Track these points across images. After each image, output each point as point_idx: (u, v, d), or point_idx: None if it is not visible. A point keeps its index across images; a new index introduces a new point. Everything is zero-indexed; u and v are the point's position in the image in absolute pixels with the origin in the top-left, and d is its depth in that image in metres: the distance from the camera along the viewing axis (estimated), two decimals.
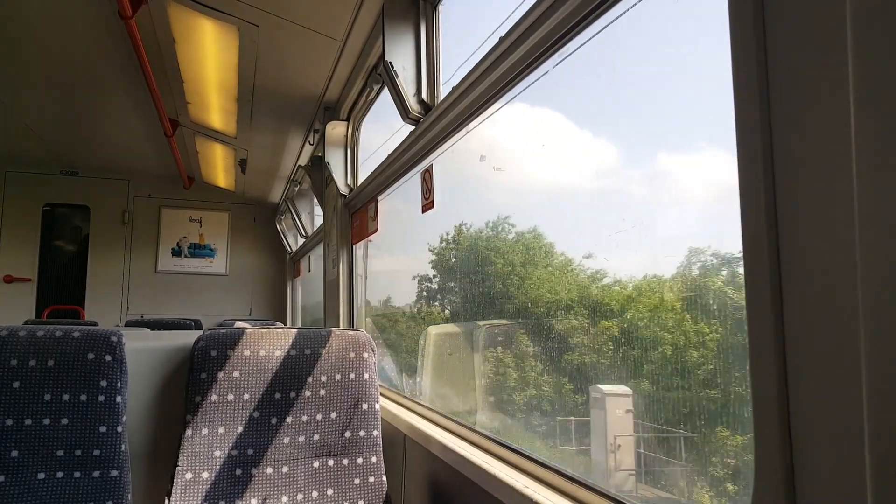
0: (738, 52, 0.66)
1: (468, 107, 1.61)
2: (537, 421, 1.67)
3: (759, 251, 0.62)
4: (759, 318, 0.62)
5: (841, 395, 0.55)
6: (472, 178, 2.01)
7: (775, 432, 0.60)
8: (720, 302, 1.05)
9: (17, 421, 1.29)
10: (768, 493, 0.61)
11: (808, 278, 0.58)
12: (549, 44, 1.21)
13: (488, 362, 2.00)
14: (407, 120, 2.00)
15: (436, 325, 2.61)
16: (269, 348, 1.47)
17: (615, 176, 1.35)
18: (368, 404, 1.52)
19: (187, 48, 2.85)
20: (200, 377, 1.41)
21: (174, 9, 2.49)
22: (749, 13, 0.64)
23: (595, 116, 1.39)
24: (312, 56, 2.62)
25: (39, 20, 2.69)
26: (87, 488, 1.31)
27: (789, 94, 0.61)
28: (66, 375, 1.33)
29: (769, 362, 0.61)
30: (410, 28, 2.01)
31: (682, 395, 1.10)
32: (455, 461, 1.40)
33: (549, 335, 1.61)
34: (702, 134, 1.10)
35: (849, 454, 0.54)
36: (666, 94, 1.18)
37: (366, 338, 1.57)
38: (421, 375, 2.53)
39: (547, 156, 1.58)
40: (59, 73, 3.31)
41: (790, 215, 0.60)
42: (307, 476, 1.45)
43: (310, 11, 2.28)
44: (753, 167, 0.63)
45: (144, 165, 5.36)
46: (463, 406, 2.11)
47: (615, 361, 1.34)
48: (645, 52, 1.21)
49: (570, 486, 1.10)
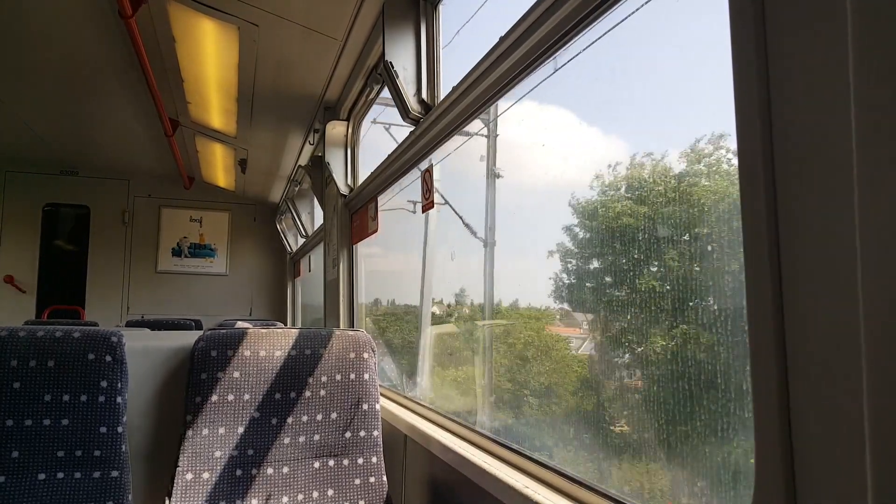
0: (739, 52, 0.66)
1: (468, 106, 1.61)
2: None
3: (760, 251, 0.62)
4: (759, 318, 0.62)
5: (841, 395, 0.55)
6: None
7: (776, 433, 0.60)
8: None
9: (17, 421, 1.29)
10: (769, 493, 0.61)
11: (808, 278, 0.58)
12: (550, 43, 1.21)
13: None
14: (407, 120, 2.00)
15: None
16: (270, 348, 1.47)
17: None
18: (369, 404, 1.52)
19: (187, 48, 2.85)
20: (201, 377, 1.41)
21: (174, 8, 2.49)
22: (749, 13, 0.64)
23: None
24: (313, 56, 2.62)
25: (39, 19, 2.69)
26: (88, 489, 1.31)
27: (790, 92, 0.61)
28: (67, 376, 1.33)
29: (770, 363, 0.61)
30: (410, 28, 2.01)
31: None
32: (455, 461, 1.40)
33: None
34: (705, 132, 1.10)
35: (849, 455, 0.54)
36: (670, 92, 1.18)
37: (366, 338, 1.57)
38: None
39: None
40: (59, 73, 3.30)
41: (790, 215, 0.60)
42: (307, 476, 1.45)
43: (310, 11, 2.28)
44: (754, 167, 0.63)
45: (145, 165, 5.36)
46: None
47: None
48: (645, 51, 1.21)
49: (570, 486, 1.10)
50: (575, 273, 1.53)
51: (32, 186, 5.45)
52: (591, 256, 1.47)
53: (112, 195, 5.68)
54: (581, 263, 1.51)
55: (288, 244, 5.74)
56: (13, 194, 5.40)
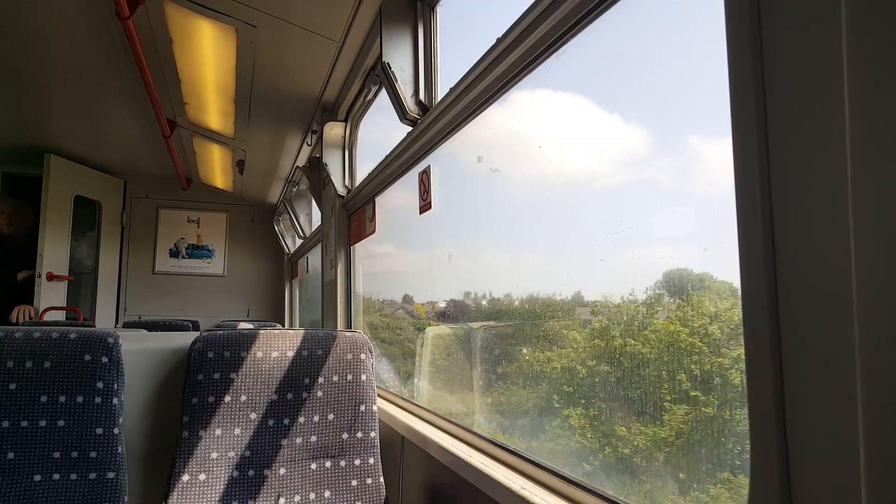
0: (735, 55, 0.66)
1: (466, 107, 1.61)
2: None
3: (755, 249, 0.62)
4: (754, 321, 0.63)
5: (836, 397, 0.55)
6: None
7: (771, 434, 0.60)
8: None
9: (13, 423, 1.29)
10: (764, 494, 0.61)
11: (803, 282, 0.58)
12: (547, 45, 1.21)
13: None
14: (405, 121, 2.00)
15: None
16: (267, 350, 1.47)
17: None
18: (366, 406, 1.52)
19: (185, 49, 2.85)
20: (197, 379, 1.41)
21: (172, 9, 2.49)
22: (745, 17, 0.64)
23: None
24: (310, 57, 2.63)
25: (36, 20, 2.69)
26: (84, 490, 1.31)
27: (785, 97, 0.61)
28: (63, 377, 1.33)
29: (765, 365, 0.61)
30: (408, 29, 2.01)
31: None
32: (452, 463, 1.40)
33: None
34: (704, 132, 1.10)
35: (844, 453, 0.54)
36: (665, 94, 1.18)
37: (363, 339, 1.57)
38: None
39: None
40: (56, 73, 3.30)
41: (786, 220, 0.60)
42: (304, 478, 1.45)
43: (308, 12, 2.28)
44: (749, 172, 0.63)
45: (142, 166, 5.35)
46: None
47: None
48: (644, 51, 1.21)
49: (566, 487, 1.10)
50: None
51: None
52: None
53: (109, 195, 5.67)
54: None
55: (286, 245, 5.73)
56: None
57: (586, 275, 1.27)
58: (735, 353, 0.91)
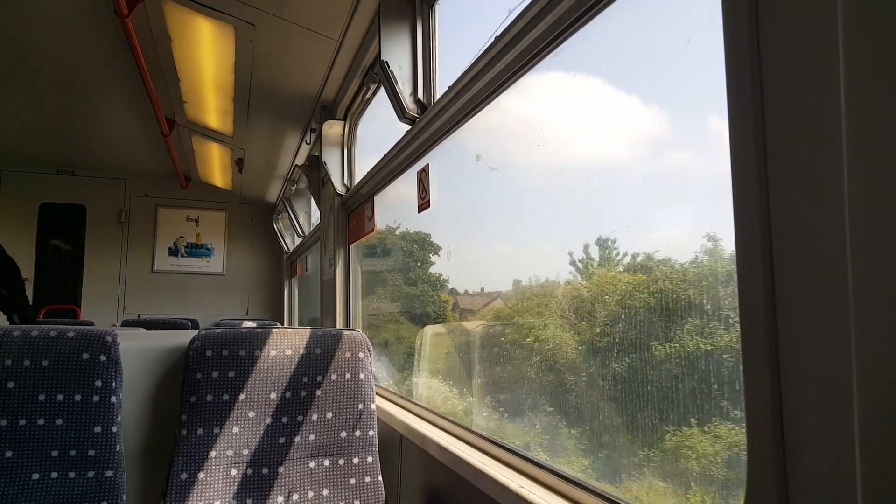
0: (732, 55, 0.66)
1: (465, 105, 1.61)
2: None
3: (752, 247, 0.62)
4: (751, 318, 0.63)
5: (833, 396, 0.55)
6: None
7: (768, 433, 0.60)
8: None
9: (11, 421, 1.29)
10: (761, 493, 0.61)
11: (800, 275, 0.58)
12: (545, 43, 1.21)
13: None
14: (403, 119, 2.00)
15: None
16: (265, 348, 1.47)
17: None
18: (364, 404, 1.52)
19: (184, 47, 2.84)
20: (196, 377, 1.41)
21: (170, 7, 2.49)
22: (743, 17, 0.64)
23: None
24: (309, 55, 2.62)
25: (35, 18, 2.68)
26: (82, 489, 1.31)
27: (782, 96, 0.61)
28: (61, 375, 1.33)
29: (762, 363, 0.61)
30: (407, 27, 2.01)
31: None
32: (451, 461, 1.40)
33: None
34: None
35: (841, 453, 0.54)
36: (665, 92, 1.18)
37: (362, 338, 1.57)
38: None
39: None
40: (56, 72, 3.30)
41: (783, 217, 0.60)
42: (303, 476, 1.45)
43: (306, 11, 2.28)
44: (747, 169, 0.63)
45: (141, 165, 5.36)
46: None
47: None
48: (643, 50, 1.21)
49: (565, 486, 1.10)
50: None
51: (29, 185, 5.44)
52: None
53: (108, 194, 5.67)
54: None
55: (285, 244, 5.73)
56: (9, 193, 5.39)
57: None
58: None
